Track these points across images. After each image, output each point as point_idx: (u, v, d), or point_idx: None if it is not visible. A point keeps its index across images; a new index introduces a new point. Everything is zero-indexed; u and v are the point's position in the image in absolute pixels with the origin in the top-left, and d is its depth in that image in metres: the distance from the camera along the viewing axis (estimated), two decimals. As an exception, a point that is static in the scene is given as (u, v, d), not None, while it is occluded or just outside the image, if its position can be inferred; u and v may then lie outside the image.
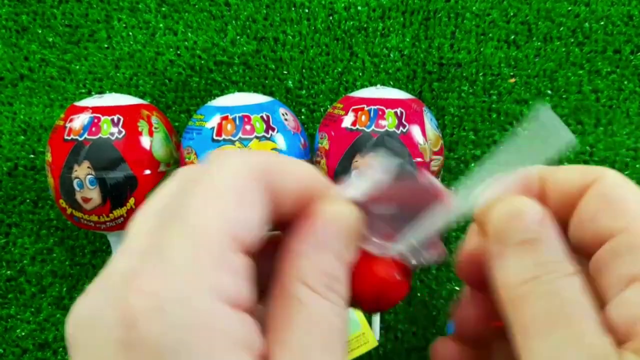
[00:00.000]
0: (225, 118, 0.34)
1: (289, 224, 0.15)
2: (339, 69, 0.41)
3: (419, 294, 0.41)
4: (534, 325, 0.14)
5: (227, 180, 0.14)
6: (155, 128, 0.36)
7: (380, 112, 0.34)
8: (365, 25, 0.41)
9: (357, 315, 0.37)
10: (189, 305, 0.12)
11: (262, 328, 0.13)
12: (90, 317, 0.13)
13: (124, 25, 0.42)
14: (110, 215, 0.35)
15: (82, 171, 0.34)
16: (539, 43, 0.40)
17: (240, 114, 0.34)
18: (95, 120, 0.34)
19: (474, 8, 0.41)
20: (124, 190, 0.34)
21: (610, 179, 0.16)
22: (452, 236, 0.41)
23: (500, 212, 0.16)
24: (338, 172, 0.34)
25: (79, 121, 0.34)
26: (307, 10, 0.42)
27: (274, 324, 0.14)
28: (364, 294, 0.16)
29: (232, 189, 0.13)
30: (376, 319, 0.37)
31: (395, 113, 0.34)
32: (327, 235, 0.15)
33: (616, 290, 0.15)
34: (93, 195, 0.34)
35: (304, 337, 0.13)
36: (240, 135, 0.33)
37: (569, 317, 0.14)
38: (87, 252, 0.41)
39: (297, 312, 0.14)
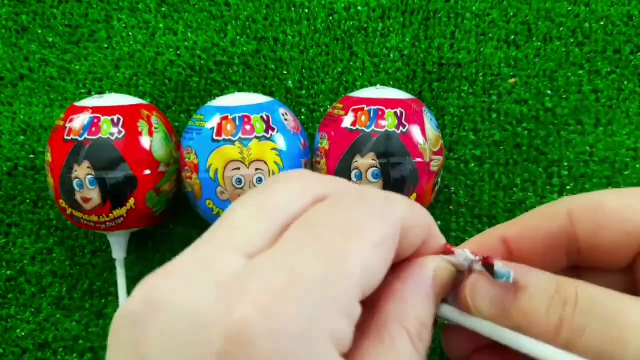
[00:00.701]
0: (225, 118, 0.34)
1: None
2: (339, 69, 0.41)
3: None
4: None
5: (376, 226, 0.13)
6: (155, 128, 0.36)
7: (380, 112, 0.34)
8: (365, 26, 0.41)
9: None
10: (310, 345, 0.11)
11: None
12: (181, 308, 0.11)
13: (124, 25, 0.42)
14: (110, 215, 0.35)
15: (82, 171, 0.34)
16: (539, 43, 0.40)
17: (240, 114, 0.34)
18: (95, 121, 0.34)
19: (474, 8, 0.41)
20: (124, 191, 0.34)
21: None
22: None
23: (478, 299, 0.16)
24: (338, 172, 0.34)
25: (79, 121, 0.34)
26: (307, 11, 0.42)
27: (359, 354, 0.13)
28: None
29: (379, 238, 0.13)
30: None
31: (395, 113, 0.34)
32: (434, 289, 0.15)
33: None
34: (93, 195, 0.34)
35: None
36: (240, 135, 0.33)
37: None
38: (87, 252, 0.41)
39: (387, 351, 0.14)
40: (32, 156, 0.42)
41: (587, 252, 0.16)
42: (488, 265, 0.15)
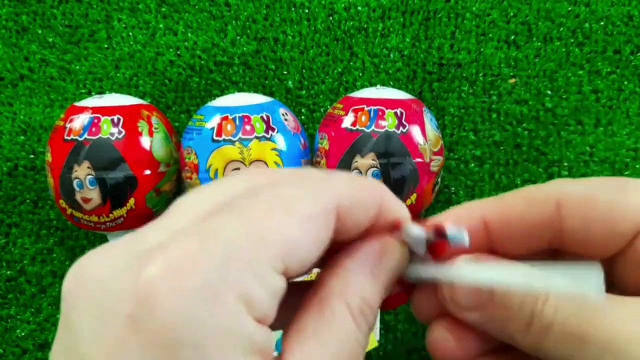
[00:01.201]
0: (225, 118, 0.34)
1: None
2: (339, 69, 0.41)
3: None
4: None
5: (304, 203, 0.13)
6: (155, 128, 0.36)
7: (380, 113, 0.34)
8: (365, 26, 0.41)
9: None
10: (215, 303, 0.11)
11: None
12: (99, 279, 0.12)
13: (124, 25, 0.42)
14: (110, 215, 0.35)
15: (82, 171, 0.34)
16: (539, 43, 0.40)
17: (240, 114, 0.34)
18: (95, 121, 0.34)
19: (474, 8, 0.41)
20: (124, 191, 0.34)
21: None
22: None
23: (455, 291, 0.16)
24: (338, 172, 0.34)
25: (79, 121, 0.34)
26: (307, 11, 0.42)
27: (298, 327, 0.14)
28: None
29: (307, 215, 0.13)
30: (376, 319, 0.37)
31: (395, 113, 0.34)
32: (384, 268, 0.15)
33: None
34: (93, 195, 0.34)
35: (323, 349, 0.13)
36: (240, 135, 0.33)
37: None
38: (87, 252, 0.41)
39: (327, 324, 0.14)
40: (32, 156, 0.42)
41: (571, 244, 0.16)
42: (440, 233, 0.15)
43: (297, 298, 0.15)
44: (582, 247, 0.16)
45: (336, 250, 0.16)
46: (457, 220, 0.17)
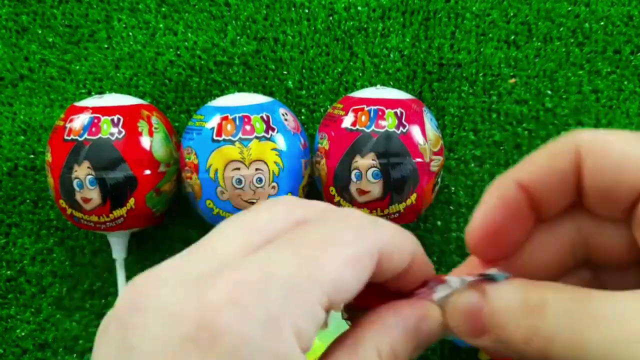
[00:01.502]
0: (225, 118, 0.34)
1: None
2: (339, 69, 0.41)
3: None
4: None
5: (354, 244, 0.14)
6: (155, 128, 0.36)
7: (380, 113, 0.34)
8: (365, 26, 0.41)
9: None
10: (274, 334, 0.12)
11: None
12: (161, 305, 0.12)
13: (124, 25, 0.42)
14: (110, 215, 0.35)
15: (82, 171, 0.34)
16: (539, 43, 0.40)
17: (240, 114, 0.34)
18: (95, 121, 0.34)
19: (474, 8, 0.41)
20: (124, 191, 0.34)
21: None
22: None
23: (456, 318, 0.16)
24: (338, 172, 0.34)
25: (79, 121, 0.34)
26: (307, 11, 0.42)
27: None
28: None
29: (354, 257, 0.14)
30: None
31: (395, 113, 0.34)
32: (421, 332, 0.16)
33: None
34: (93, 195, 0.34)
35: None
36: (240, 135, 0.33)
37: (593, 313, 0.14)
38: (87, 252, 0.41)
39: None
40: (32, 156, 0.42)
41: (593, 196, 0.16)
42: (486, 276, 0.16)
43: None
44: (600, 200, 0.16)
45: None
46: (496, 194, 0.17)
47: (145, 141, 0.35)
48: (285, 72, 0.42)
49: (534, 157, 0.17)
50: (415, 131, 0.34)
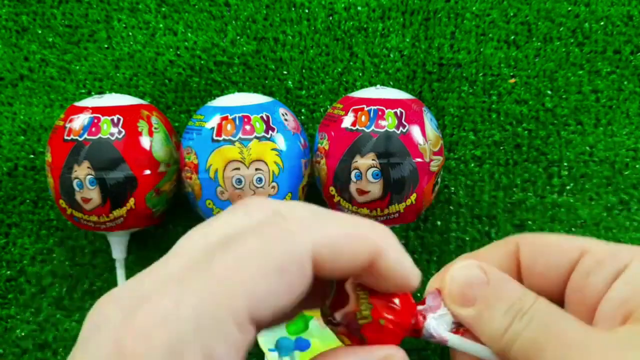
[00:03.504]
0: (225, 118, 0.34)
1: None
2: (339, 69, 0.41)
3: (418, 294, 0.41)
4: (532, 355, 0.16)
5: (274, 256, 0.14)
6: (155, 128, 0.36)
7: (380, 112, 0.34)
8: (365, 26, 0.41)
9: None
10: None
11: None
12: (97, 325, 0.14)
13: (124, 25, 0.42)
14: (110, 215, 0.35)
15: (82, 171, 0.34)
16: (539, 43, 0.40)
17: (240, 114, 0.34)
18: (95, 121, 0.34)
19: (474, 8, 0.41)
20: (124, 191, 0.34)
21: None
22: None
23: (453, 283, 0.18)
24: (338, 172, 0.34)
25: (79, 121, 0.34)
26: (307, 11, 0.42)
27: None
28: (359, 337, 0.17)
29: (274, 268, 0.14)
30: None
31: (395, 113, 0.34)
32: None
33: (601, 293, 0.17)
34: (93, 195, 0.34)
35: None
36: (240, 135, 0.33)
37: (558, 332, 0.16)
38: (87, 252, 0.41)
39: None
40: (32, 156, 0.42)
41: (527, 277, 0.19)
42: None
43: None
44: (535, 281, 0.19)
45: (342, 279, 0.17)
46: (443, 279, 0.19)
47: (145, 141, 0.35)
48: (285, 72, 0.42)
49: (482, 250, 0.21)
50: (415, 131, 0.34)
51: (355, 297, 0.16)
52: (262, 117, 0.34)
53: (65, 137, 0.34)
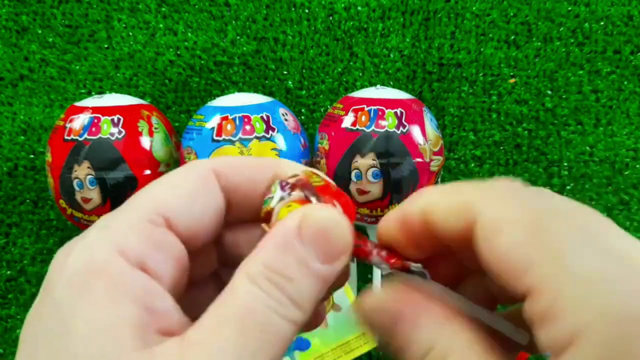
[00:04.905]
0: (225, 118, 0.34)
1: None
2: (339, 69, 0.41)
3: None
4: None
5: (177, 174, 0.16)
6: (155, 128, 0.36)
7: (380, 112, 0.34)
8: (365, 26, 0.41)
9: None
10: (88, 252, 0.14)
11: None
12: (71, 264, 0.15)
13: (124, 25, 0.42)
14: (110, 215, 0.35)
15: (82, 171, 0.34)
16: (539, 43, 0.40)
17: (240, 114, 0.34)
18: (95, 121, 0.34)
19: (474, 8, 0.41)
20: (124, 191, 0.34)
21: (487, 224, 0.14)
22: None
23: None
24: (338, 172, 0.34)
25: (79, 121, 0.34)
26: (307, 11, 0.42)
27: (206, 314, 0.14)
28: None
29: (178, 181, 0.16)
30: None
31: (395, 113, 0.34)
32: (289, 237, 0.14)
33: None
34: (93, 195, 0.34)
35: (222, 319, 0.13)
36: (240, 135, 0.33)
37: None
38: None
39: (228, 295, 0.14)
40: (32, 156, 0.42)
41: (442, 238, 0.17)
42: (406, 269, 0.17)
43: None
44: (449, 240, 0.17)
45: None
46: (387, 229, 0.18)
47: (145, 141, 0.35)
48: (285, 72, 0.42)
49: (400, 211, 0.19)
50: (415, 131, 0.34)
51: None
52: (262, 117, 0.34)
53: (66, 137, 0.34)
